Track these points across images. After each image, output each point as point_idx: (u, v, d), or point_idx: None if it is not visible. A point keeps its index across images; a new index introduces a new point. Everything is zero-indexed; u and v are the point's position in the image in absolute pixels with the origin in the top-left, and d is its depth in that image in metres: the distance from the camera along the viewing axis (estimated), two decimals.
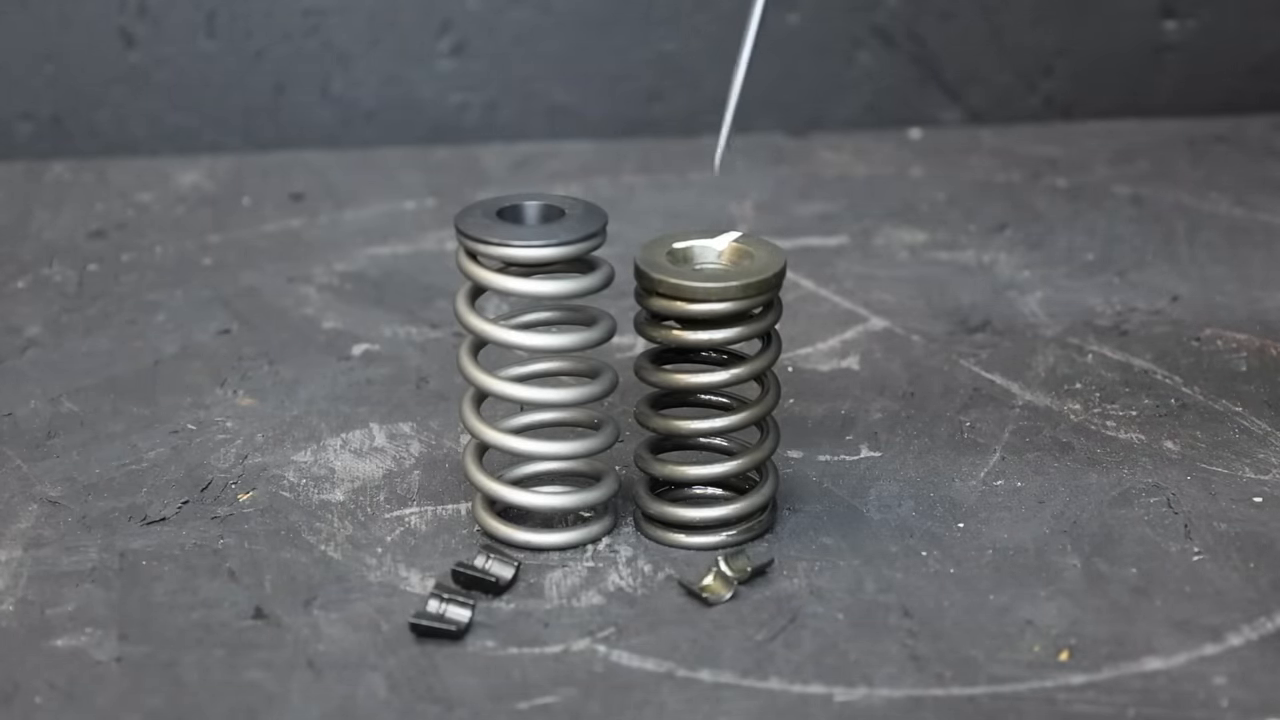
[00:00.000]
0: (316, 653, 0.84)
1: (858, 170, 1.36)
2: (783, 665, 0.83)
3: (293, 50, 1.39)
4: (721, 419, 0.91)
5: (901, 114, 1.43)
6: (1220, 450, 0.99)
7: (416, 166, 1.36)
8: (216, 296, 1.17)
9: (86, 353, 1.10)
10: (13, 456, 0.99)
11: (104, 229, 1.26)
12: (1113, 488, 0.96)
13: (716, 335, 0.89)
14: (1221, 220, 1.26)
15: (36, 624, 0.86)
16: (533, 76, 1.41)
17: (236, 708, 0.81)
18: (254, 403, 1.04)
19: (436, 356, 1.09)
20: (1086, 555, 0.90)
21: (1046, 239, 1.24)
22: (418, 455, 0.99)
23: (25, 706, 0.81)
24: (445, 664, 0.83)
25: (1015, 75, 1.43)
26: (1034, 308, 1.14)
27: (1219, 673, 0.82)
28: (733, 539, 0.91)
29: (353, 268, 1.21)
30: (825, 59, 1.42)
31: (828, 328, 1.12)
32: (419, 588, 0.88)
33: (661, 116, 1.42)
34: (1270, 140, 1.39)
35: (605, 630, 0.85)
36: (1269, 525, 0.92)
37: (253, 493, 0.96)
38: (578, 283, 0.88)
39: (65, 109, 1.39)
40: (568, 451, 0.90)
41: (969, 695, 0.81)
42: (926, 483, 0.96)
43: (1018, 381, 1.06)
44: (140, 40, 1.38)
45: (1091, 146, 1.38)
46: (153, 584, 0.89)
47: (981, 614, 0.86)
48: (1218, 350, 1.09)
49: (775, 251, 0.90)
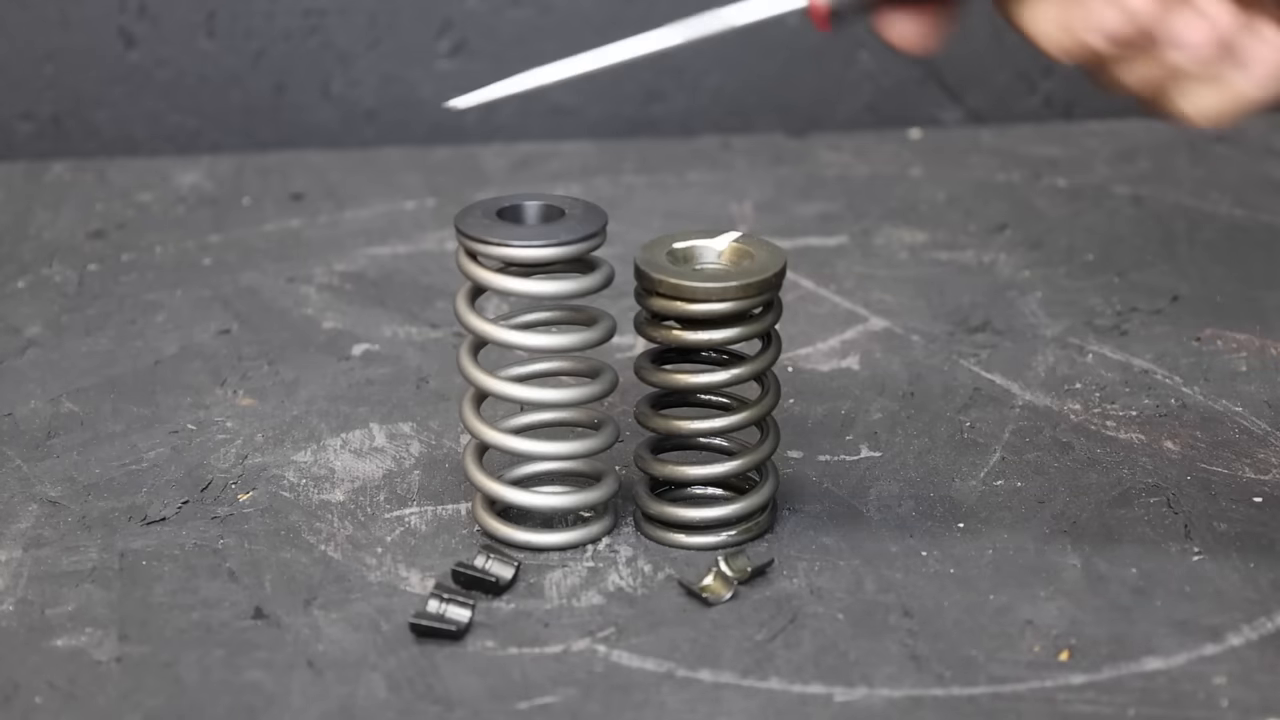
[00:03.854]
0: (316, 653, 0.84)
1: (858, 170, 1.36)
2: (783, 665, 0.83)
3: (293, 50, 1.39)
4: (721, 419, 0.91)
5: (901, 114, 1.43)
6: (1220, 450, 0.99)
7: (416, 166, 1.36)
8: (216, 296, 1.17)
9: (86, 353, 1.10)
10: (13, 456, 0.99)
11: (104, 229, 1.26)
12: (1113, 488, 0.96)
13: (716, 335, 0.89)
14: (1221, 220, 1.26)
15: (36, 624, 0.86)
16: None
17: (236, 708, 0.81)
18: (254, 403, 1.04)
19: (436, 356, 1.09)
20: (1086, 555, 0.90)
21: (1046, 239, 1.24)
22: (418, 455, 0.99)
23: (25, 706, 0.81)
24: (445, 664, 0.83)
25: (1015, 75, 1.43)
26: (1034, 308, 1.14)
27: (1219, 673, 0.82)
28: (733, 539, 0.91)
29: (353, 268, 1.21)
30: (825, 59, 1.42)
31: (828, 328, 1.12)
32: (419, 588, 0.88)
33: (661, 116, 1.42)
34: (1270, 140, 1.39)
35: (605, 630, 0.85)
36: (1269, 525, 0.92)
37: (253, 493, 0.96)
38: (578, 283, 0.88)
39: (65, 109, 1.39)
40: (568, 451, 0.90)
41: (969, 695, 0.81)
42: (926, 483, 0.96)
43: (1018, 381, 1.06)
44: (140, 40, 1.38)
45: (1091, 146, 1.38)
46: (153, 584, 0.89)
47: (981, 614, 0.86)
48: (1218, 350, 1.09)
49: (775, 251, 0.90)
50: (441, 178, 1.35)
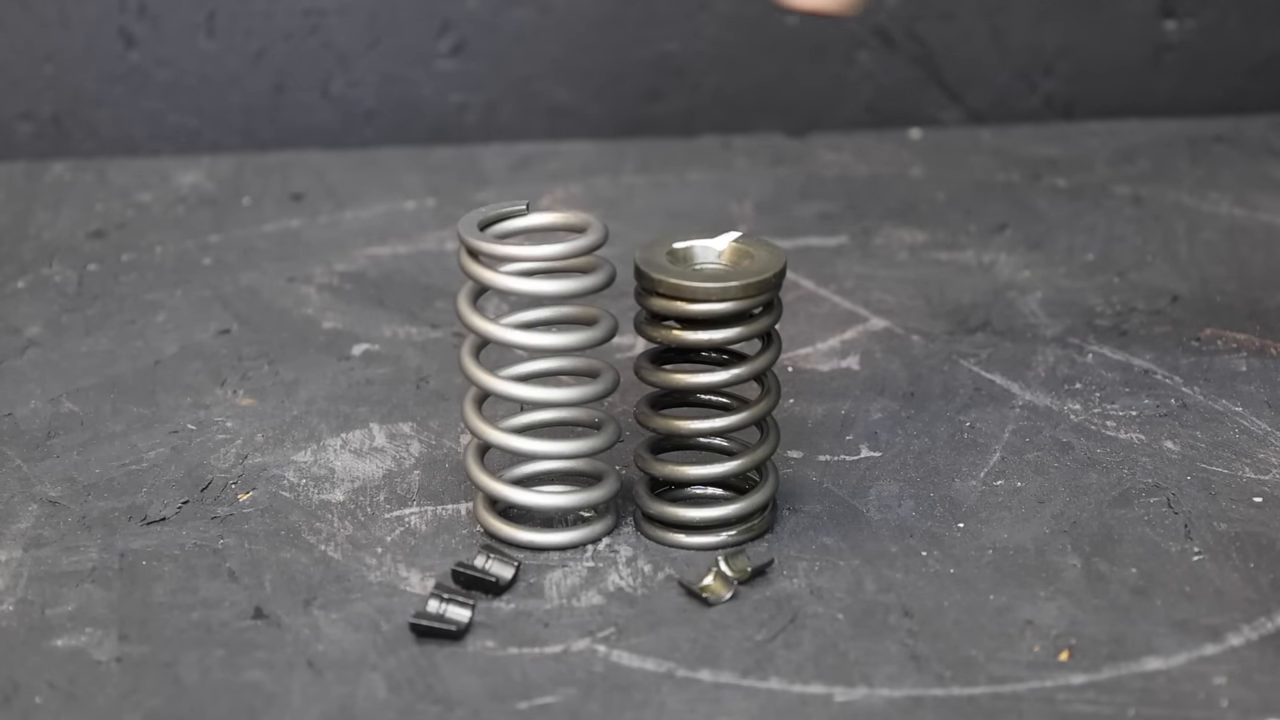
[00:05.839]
0: (316, 653, 0.84)
1: (858, 170, 1.36)
2: (783, 665, 0.83)
3: (293, 50, 1.39)
4: (721, 419, 0.91)
5: (901, 114, 1.43)
6: (1220, 450, 0.99)
7: (416, 166, 1.36)
8: (216, 296, 1.17)
9: (86, 353, 1.10)
10: (13, 456, 0.99)
11: (104, 229, 1.26)
12: (1113, 488, 0.96)
13: (716, 335, 0.89)
14: (1221, 220, 1.26)
15: (36, 624, 0.86)
16: (533, 76, 1.41)
17: (236, 708, 0.81)
18: (254, 403, 1.04)
19: (436, 356, 1.09)
20: (1086, 555, 0.90)
21: (1046, 239, 1.24)
22: (418, 455, 0.99)
23: (25, 706, 0.81)
24: (445, 664, 0.83)
25: (1015, 75, 1.43)
26: (1034, 308, 1.14)
27: (1219, 673, 0.82)
28: (733, 539, 0.91)
29: (353, 268, 1.21)
30: (825, 59, 1.42)
31: (828, 328, 1.12)
32: (419, 588, 0.88)
33: (661, 116, 1.42)
34: (1270, 140, 1.39)
35: (605, 630, 0.85)
36: (1269, 525, 0.92)
37: (253, 493, 0.96)
38: (578, 283, 0.88)
39: (65, 109, 1.39)
40: (568, 451, 0.90)
41: (969, 695, 0.81)
42: (926, 483, 0.96)
43: (1018, 381, 1.06)
44: (140, 40, 1.38)
45: (1091, 146, 1.38)
46: (153, 584, 0.89)
47: (981, 614, 0.86)
48: (1218, 350, 1.09)
49: (775, 251, 0.90)
50: (441, 178, 1.35)
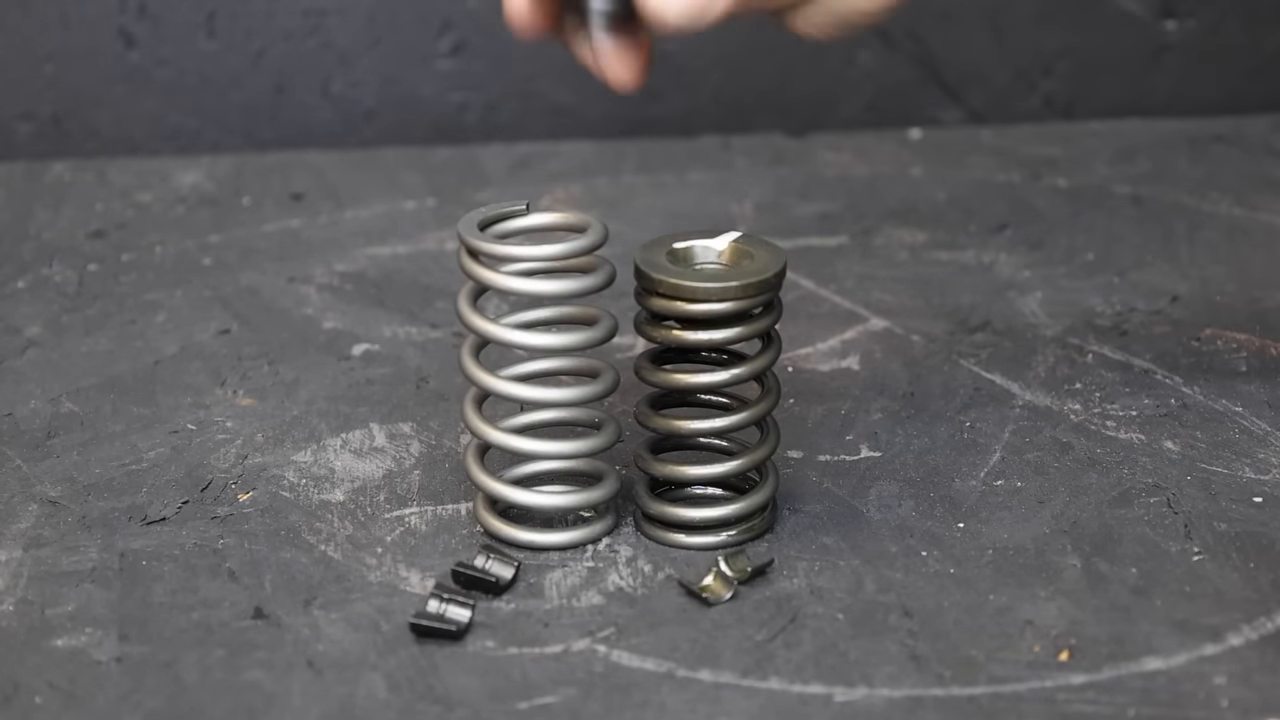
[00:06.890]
0: (316, 653, 0.84)
1: (858, 170, 1.36)
2: (783, 665, 0.83)
3: (293, 50, 1.39)
4: (721, 419, 0.91)
5: (901, 114, 1.43)
6: (1220, 450, 0.99)
7: (416, 166, 1.36)
8: (216, 296, 1.17)
9: (86, 353, 1.10)
10: (13, 456, 0.99)
11: (104, 229, 1.26)
12: (1113, 488, 0.96)
13: (716, 335, 0.89)
14: (1221, 220, 1.26)
15: (36, 624, 0.86)
16: (533, 76, 1.41)
17: (236, 708, 0.81)
18: (254, 403, 1.04)
19: (436, 356, 1.09)
20: (1086, 555, 0.90)
21: (1046, 239, 1.24)
22: (418, 455, 0.99)
23: (25, 706, 0.81)
24: (445, 664, 0.83)
25: (1015, 75, 1.43)
26: (1034, 308, 1.14)
27: (1219, 673, 0.82)
28: (733, 539, 0.91)
29: (353, 268, 1.21)
30: (825, 59, 1.42)
31: (828, 328, 1.12)
32: (419, 588, 0.88)
33: (661, 116, 1.42)
34: (1270, 140, 1.39)
35: (605, 630, 0.85)
36: (1269, 525, 0.92)
37: (253, 493, 0.96)
38: (578, 283, 0.88)
39: (65, 109, 1.39)
40: (568, 451, 0.90)
41: (969, 695, 0.81)
42: (926, 483, 0.96)
43: (1018, 381, 1.06)
44: (140, 40, 1.38)
45: (1091, 146, 1.38)
46: (153, 584, 0.89)
47: (981, 614, 0.86)
48: (1218, 350, 1.09)
49: (775, 251, 0.90)
50: (441, 178, 1.35)
